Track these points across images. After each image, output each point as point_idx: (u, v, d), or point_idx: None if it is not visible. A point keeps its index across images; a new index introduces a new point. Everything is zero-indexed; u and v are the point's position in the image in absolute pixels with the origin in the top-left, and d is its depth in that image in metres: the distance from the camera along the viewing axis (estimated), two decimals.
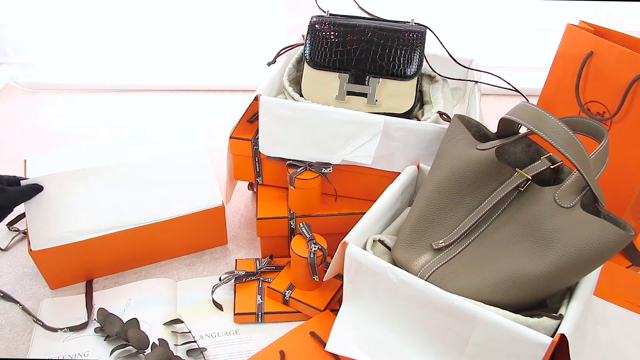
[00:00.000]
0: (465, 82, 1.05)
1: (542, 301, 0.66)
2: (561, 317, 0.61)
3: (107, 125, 1.33)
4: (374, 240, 0.74)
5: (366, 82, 0.87)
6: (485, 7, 1.44)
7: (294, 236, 0.86)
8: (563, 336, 0.58)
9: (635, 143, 0.86)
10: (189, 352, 0.78)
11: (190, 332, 0.81)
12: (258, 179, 0.93)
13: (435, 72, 0.97)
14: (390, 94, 0.87)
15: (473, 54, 1.04)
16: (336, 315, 0.74)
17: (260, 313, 0.83)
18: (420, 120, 0.84)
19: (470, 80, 1.01)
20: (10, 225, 1.00)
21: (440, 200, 0.72)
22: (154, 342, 0.77)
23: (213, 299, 0.86)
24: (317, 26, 0.89)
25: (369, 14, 0.94)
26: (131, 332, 0.77)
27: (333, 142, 0.83)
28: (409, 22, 0.92)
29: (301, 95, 0.88)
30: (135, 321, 0.79)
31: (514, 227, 0.68)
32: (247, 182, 1.11)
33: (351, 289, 0.73)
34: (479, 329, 0.61)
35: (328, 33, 0.88)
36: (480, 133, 0.77)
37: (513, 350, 0.60)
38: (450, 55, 0.99)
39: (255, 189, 1.06)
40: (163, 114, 1.39)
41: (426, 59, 0.94)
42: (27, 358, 0.78)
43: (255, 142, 0.88)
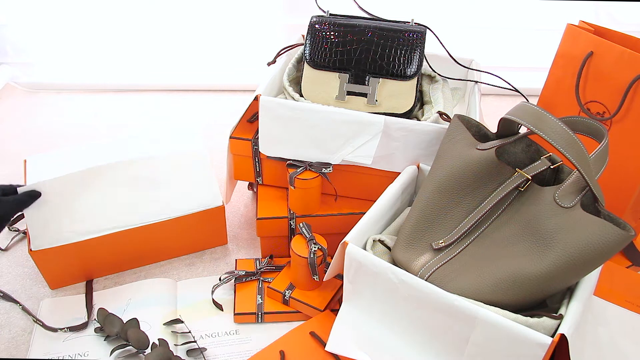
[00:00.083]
0: (465, 82, 1.05)
1: (542, 301, 0.66)
2: (561, 317, 0.61)
3: (107, 125, 1.33)
4: (374, 240, 0.74)
5: (366, 82, 0.87)
6: (485, 7, 1.44)
7: (294, 236, 0.86)
8: (563, 336, 0.58)
9: (635, 143, 0.86)
10: (189, 352, 0.78)
11: (190, 332, 0.81)
12: (258, 179, 0.93)
13: (435, 72, 0.97)
14: (390, 94, 0.87)
15: (473, 54, 1.04)
16: (336, 315, 0.74)
17: (260, 313, 0.83)
18: (420, 120, 0.84)
19: (470, 80, 1.01)
20: (10, 225, 1.00)
21: (440, 200, 0.72)
22: (154, 342, 0.77)
23: (213, 299, 0.86)
24: (317, 26, 0.89)
25: (369, 14, 0.94)
26: (131, 332, 0.77)
27: (333, 142, 0.83)
28: (409, 22, 0.92)
29: (301, 95, 0.88)
30: (135, 321, 0.79)
31: (514, 227, 0.68)
32: (247, 182, 1.11)
33: (351, 289, 0.73)
34: (479, 329, 0.61)
35: (328, 33, 0.88)
36: (480, 133, 0.77)
37: (513, 350, 0.60)
38: (450, 55, 0.99)
39: (255, 189, 1.06)
40: (163, 114, 1.38)
41: (426, 59, 0.94)
42: (27, 358, 0.78)
43: (255, 142, 0.88)
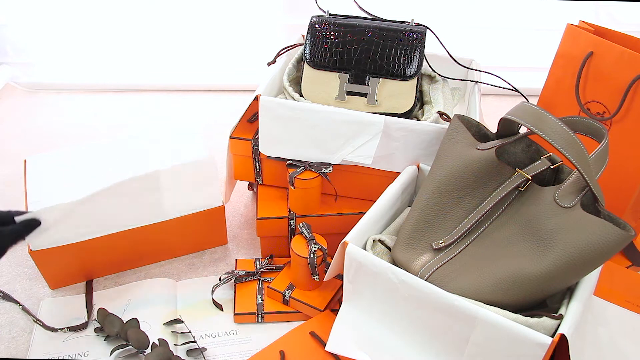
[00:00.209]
0: (465, 82, 1.05)
1: (542, 301, 0.66)
2: (561, 317, 0.61)
3: (107, 125, 1.33)
4: (374, 240, 0.74)
5: (366, 82, 0.87)
6: (485, 7, 1.44)
7: (294, 236, 0.86)
8: (563, 336, 0.58)
9: (635, 143, 0.86)
10: (189, 352, 0.78)
11: (190, 332, 0.81)
12: (258, 179, 0.93)
13: (435, 72, 0.97)
14: (390, 94, 0.87)
15: (473, 54, 1.04)
16: (336, 315, 0.74)
17: (260, 313, 0.83)
18: (420, 120, 0.84)
19: (470, 80, 1.01)
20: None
21: (440, 200, 0.72)
22: (154, 342, 0.77)
23: (213, 299, 0.86)
24: (317, 26, 0.89)
25: (369, 14, 0.94)
26: (131, 332, 0.77)
27: (333, 142, 0.83)
28: (409, 22, 0.92)
29: (301, 95, 0.88)
30: (135, 321, 0.79)
31: (514, 227, 0.68)
32: (247, 182, 1.11)
33: (351, 289, 0.73)
34: (479, 329, 0.61)
35: (328, 33, 0.88)
36: (480, 133, 0.77)
37: (513, 350, 0.60)
38: (450, 55, 0.98)
39: (255, 189, 1.06)
40: (163, 114, 1.38)
41: (426, 59, 0.94)
42: (27, 358, 0.78)
43: (255, 142, 0.88)
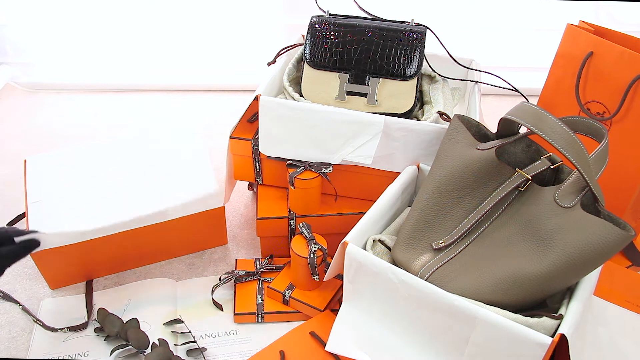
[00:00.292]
0: (465, 82, 1.05)
1: (542, 301, 0.66)
2: (561, 317, 0.61)
3: (107, 125, 1.33)
4: (374, 240, 0.74)
5: (366, 82, 0.87)
6: (485, 7, 1.44)
7: (294, 236, 0.86)
8: (563, 336, 0.58)
9: (635, 143, 0.86)
10: (189, 352, 0.78)
11: (190, 332, 0.81)
12: (258, 179, 0.93)
13: (435, 72, 0.97)
14: (390, 94, 0.87)
15: (473, 54, 1.04)
16: (336, 315, 0.74)
17: (260, 313, 0.83)
18: (420, 120, 0.84)
19: (470, 80, 1.01)
20: (10, 225, 1.00)
21: (440, 200, 0.72)
22: (154, 342, 0.77)
23: (213, 299, 0.86)
24: (317, 26, 0.89)
25: (369, 14, 0.94)
26: (131, 332, 0.77)
27: (333, 142, 0.83)
28: (409, 22, 0.92)
29: (301, 95, 0.88)
30: (135, 321, 0.79)
31: (514, 227, 0.68)
32: (247, 182, 1.11)
33: (351, 289, 0.73)
34: (479, 329, 0.61)
35: (328, 33, 0.88)
36: (480, 133, 0.77)
37: (513, 350, 0.60)
38: (450, 55, 0.98)
39: (255, 189, 1.06)
40: (163, 114, 1.38)
41: (426, 59, 0.94)
42: (27, 358, 0.78)
43: (255, 142, 0.88)
